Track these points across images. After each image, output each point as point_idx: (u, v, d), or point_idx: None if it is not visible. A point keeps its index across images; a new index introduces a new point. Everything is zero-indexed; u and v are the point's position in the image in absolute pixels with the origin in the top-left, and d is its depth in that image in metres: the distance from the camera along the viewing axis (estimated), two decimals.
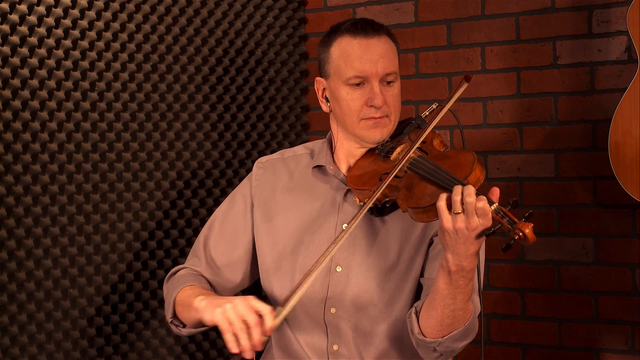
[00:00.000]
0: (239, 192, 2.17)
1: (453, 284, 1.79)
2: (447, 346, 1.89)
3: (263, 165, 2.18)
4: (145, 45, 2.75)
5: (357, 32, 1.99)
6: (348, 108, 2.00)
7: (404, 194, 1.87)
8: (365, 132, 2.00)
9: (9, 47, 2.37)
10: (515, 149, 3.06)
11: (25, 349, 2.42)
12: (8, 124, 2.37)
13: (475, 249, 1.75)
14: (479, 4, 3.10)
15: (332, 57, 2.02)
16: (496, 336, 3.09)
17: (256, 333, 1.73)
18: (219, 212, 2.17)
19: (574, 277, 2.97)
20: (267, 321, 1.74)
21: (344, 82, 1.99)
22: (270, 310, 1.75)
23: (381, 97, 1.97)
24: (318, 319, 2.01)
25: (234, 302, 1.77)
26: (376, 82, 1.97)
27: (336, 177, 2.07)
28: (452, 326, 1.86)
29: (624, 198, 2.70)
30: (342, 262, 2.01)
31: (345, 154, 2.08)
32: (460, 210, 1.70)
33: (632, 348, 2.88)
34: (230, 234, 2.13)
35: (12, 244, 2.39)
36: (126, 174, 2.69)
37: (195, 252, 2.16)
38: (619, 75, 2.87)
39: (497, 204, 1.72)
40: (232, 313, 1.75)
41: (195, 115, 2.91)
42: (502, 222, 1.71)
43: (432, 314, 1.86)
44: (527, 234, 1.67)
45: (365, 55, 1.97)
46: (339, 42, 2.01)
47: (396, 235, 2.00)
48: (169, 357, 2.80)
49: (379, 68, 1.97)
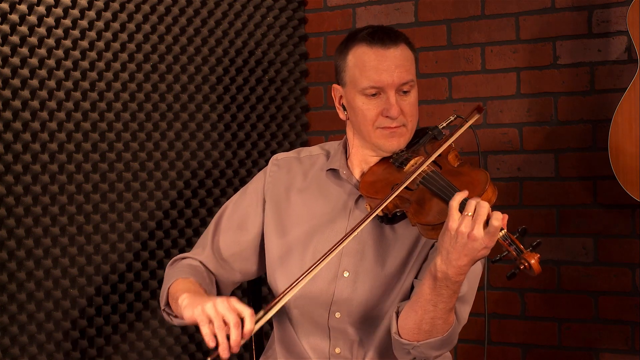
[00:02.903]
0: (252, 185, 2.17)
1: (436, 291, 1.78)
2: (421, 352, 1.88)
3: (278, 162, 2.17)
4: (145, 45, 2.75)
5: (374, 41, 1.97)
6: (364, 117, 1.98)
7: (414, 208, 1.86)
8: (381, 141, 1.99)
9: (9, 47, 2.37)
10: (515, 149, 3.06)
11: (25, 349, 2.42)
12: (8, 124, 2.37)
13: (466, 263, 1.73)
14: (479, 4, 3.10)
15: (348, 65, 2.00)
16: (496, 336, 3.09)
17: (235, 334, 1.69)
18: (230, 202, 2.17)
19: (574, 277, 2.97)
20: (247, 324, 1.70)
21: (360, 92, 1.97)
22: (251, 313, 1.71)
23: (397, 107, 1.95)
24: (322, 322, 2.01)
25: (215, 301, 1.74)
26: (392, 93, 1.95)
27: (349, 183, 2.06)
28: (429, 333, 1.85)
29: (624, 198, 2.70)
30: (350, 268, 2.00)
31: (360, 161, 2.06)
32: (471, 213, 1.69)
33: (632, 348, 2.88)
34: (240, 225, 2.12)
35: (12, 244, 2.39)
36: (126, 174, 2.69)
37: (202, 240, 2.15)
38: (619, 75, 2.87)
39: (506, 231, 1.71)
40: (212, 311, 1.72)
41: (195, 115, 2.91)
42: (509, 250, 1.71)
43: (411, 316, 1.85)
44: (532, 265, 1.68)
45: (382, 65, 1.95)
46: (355, 51, 1.99)
47: (405, 244, 1.99)
48: (169, 357, 2.80)
49: (395, 78, 1.95)
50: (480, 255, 1.72)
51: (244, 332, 1.70)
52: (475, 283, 1.97)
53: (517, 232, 1.72)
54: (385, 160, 2.04)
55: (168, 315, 2.02)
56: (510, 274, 1.70)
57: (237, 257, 2.11)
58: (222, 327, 1.70)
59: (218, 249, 2.12)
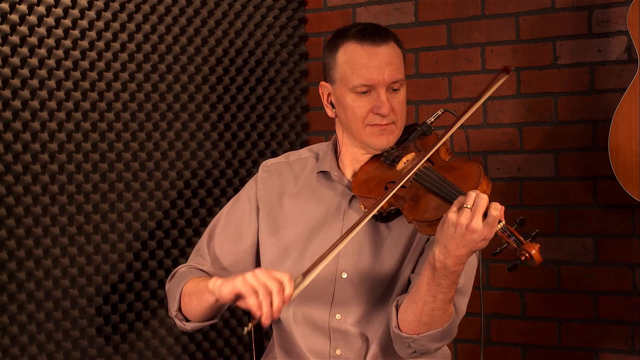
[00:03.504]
0: (244, 193, 2.17)
1: (435, 281, 1.79)
2: (422, 344, 1.88)
3: (268, 168, 2.17)
4: (145, 45, 2.75)
5: (365, 39, 1.97)
6: (354, 114, 1.99)
7: (409, 205, 1.87)
8: (371, 139, 1.99)
9: (9, 47, 2.37)
10: (515, 149, 3.06)
11: (25, 349, 2.42)
12: (8, 124, 2.37)
13: (464, 253, 1.74)
14: (479, 4, 3.10)
15: (338, 63, 2.00)
16: (496, 336, 3.09)
17: (277, 300, 1.71)
18: (224, 212, 2.17)
19: (574, 277, 2.97)
20: (287, 288, 1.72)
21: (350, 89, 1.98)
22: (290, 278, 1.74)
23: (388, 105, 1.96)
24: (323, 324, 2.01)
25: (253, 272, 1.76)
26: (383, 90, 1.96)
27: (341, 184, 2.06)
28: (429, 325, 1.85)
29: (624, 198, 2.70)
30: (348, 269, 2.00)
31: (351, 160, 2.07)
32: (470, 205, 1.70)
33: (632, 348, 2.88)
34: (235, 234, 2.12)
35: (12, 244, 2.39)
36: (126, 174, 2.69)
37: (198, 251, 2.15)
38: (619, 75, 2.87)
39: (504, 223, 1.72)
40: (254, 280, 1.74)
41: (195, 115, 2.91)
42: (509, 242, 1.71)
43: (411, 308, 1.86)
44: (533, 255, 1.68)
45: (372, 63, 1.96)
46: (345, 48, 1.99)
47: (401, 241, 1.99)
48: (169, 357, 2.80)
49: (386, 76, 1.95)
50: (478, 246, 1.73)
51: (285, 296, 1.73)
52: (472, 275, 1.97)
53: (515, 224, 1.73)
54: (376, 159, 2.03)
55: (180, 321, 2.01)
56: (512, 265, 1.71)
57: (235, 266, 2.10)
58: (267, 295, 1.72)
59: (216, 258, 2.11)
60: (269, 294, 1.72)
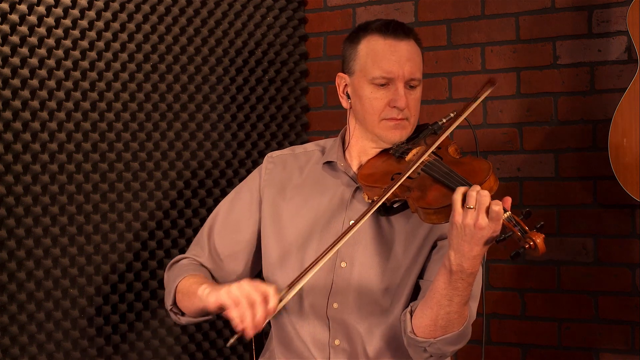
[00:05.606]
0: (247, 184, 2.18)
1: (452, 284, 1.80)
2: (438, 348, 1.89)
3: (273, 159, 2.19)
4: (145, 45, 2.75)
5: (388, 32, 2.01)
6: (371, 106, 2.01)
7: (416, 195, 1.87)
8: (384, 132, 2.02)
9: (9, 47, 2.37)
10: (515, 149, 3.06)
11: (25, 349, 2.42)
12: (8, 124, 2.37)
13: (479, 252, 1.76)
14: (479, 4, 3.10)
15: (359, 54, 2.03)
16: (496, 336, 3.09)
17: (260, 311, 1.73)
18: (225, 202, 2.18)
19: (574, 277, 2.97)
20: (271, 301, 1.75)
21: (369, 81, 2.00)
22: (275, 290, 1.77)
23: (404, 99, 1.99)
24: (321, 313, 2.02)
25: (239, 283, 1.79)
26: (401, 84, 1.99)
27: (346, 174, 2.08)
28: (445, 329, 1.87)
29: (624, 198, 2.70)
30: (347, 259, 2.02)
31: (358, 152, 2.08)
32: (473, 205, 1.72)
33: (632, 348, 2.88)
34: (234, 225, 2.13)
35: (12, 244, 2.39)
36: (126, 174, 2.69)
37: (198, 241, 2.17)
38: (619, 75, 2.87)
39: (510, 212, 1.74)
40: (238, 292, 1.76)
41: (195, 115, 2.91)
42: (514, 230, 1.72)
43: (427, 313, 1.87)
44: (537, 244, 1.69)
45: (394, 56, 1.99)
46: (368, 40, 2.02)
47: (401, 236, 2.01)
48: (169, 357, 2.80)
49: (405, 71, 1.99)
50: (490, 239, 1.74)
51: (269, 309, 1.75)
52: (479, 278, 1.99)
53: (521, 214, 1.75)
54: (384, 153, 2.06)
55: (175, 315, 2.03)
56: (515, 253, 1.72)
57: (234, 257, 2.12)
58: (249, 307, 1.74)
59: (215, 250, 2.13)
60: (251, 305, 1.74)
